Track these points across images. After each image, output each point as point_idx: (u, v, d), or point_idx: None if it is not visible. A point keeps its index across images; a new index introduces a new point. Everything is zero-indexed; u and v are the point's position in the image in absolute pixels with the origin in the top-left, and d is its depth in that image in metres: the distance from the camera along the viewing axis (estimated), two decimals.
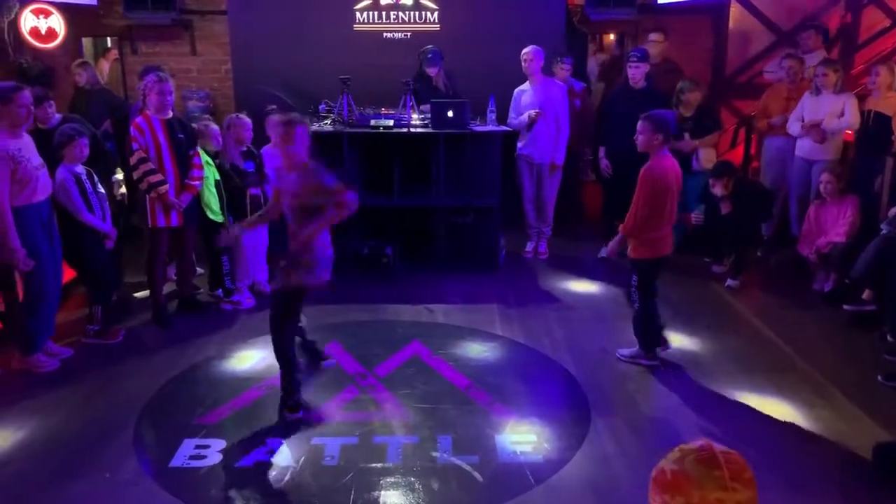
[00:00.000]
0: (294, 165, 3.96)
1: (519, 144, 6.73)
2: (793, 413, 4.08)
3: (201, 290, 5.83)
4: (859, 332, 5.20)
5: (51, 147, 4.76)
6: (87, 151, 4.85)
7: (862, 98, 6.35)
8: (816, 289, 5.94)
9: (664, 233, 4.47)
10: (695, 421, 4.00)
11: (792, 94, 6.52)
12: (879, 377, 4.44)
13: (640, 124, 4.37)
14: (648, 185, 4.34)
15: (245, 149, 5.64)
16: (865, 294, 5.50)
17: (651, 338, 4.66)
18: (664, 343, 4.74)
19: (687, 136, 6.46)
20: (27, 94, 4.35)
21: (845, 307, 5.52)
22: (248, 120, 5.66)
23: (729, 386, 4.38)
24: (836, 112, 6.07)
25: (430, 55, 6.75)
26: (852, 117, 6.04)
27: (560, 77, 6.97)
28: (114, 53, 8.63)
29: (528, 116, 6.49)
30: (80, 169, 4.85)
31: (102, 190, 5.04)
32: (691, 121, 6.48)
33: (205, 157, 5.47)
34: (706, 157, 6.51)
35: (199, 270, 6.04)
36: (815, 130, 6.13)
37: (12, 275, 4.50)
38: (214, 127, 5.71)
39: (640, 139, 4.38)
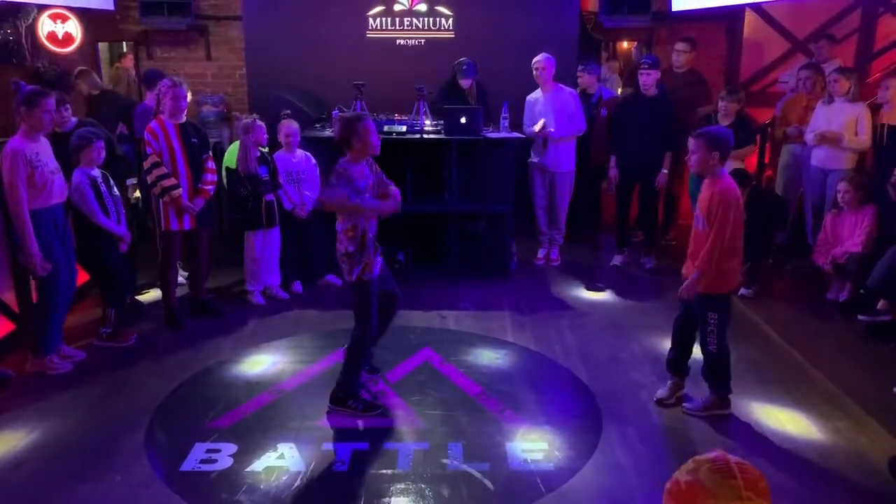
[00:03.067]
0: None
1: (533, 152, 6.72)
2: (807, 424, 4.04)
3: (214, 295, 5.84)
4: (875, 342, 5.14)
5: (67, 150, 4.80)
6: (103, 155, 4.90)
7: (875, 109, 6.30)
8: (831, 299, 5.89)
9: (739, 261, 4.09)
10: (708, 431, 3.97)
11: (811, 103, 6.46)
12: (895, 388, 4.39)
13: (692, 143, 3.93)
14: (730, 210, 3.85)
15: (259, 153, 5.66)
16: (880, 304, 5.46)
17: (727, 381, 4.12)
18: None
19: None
20: (52, 101, 4.41)
21: (860, 317, 5.48)
22: (262, 123, 5.70)
23: (743, 396, 4.34)
24: (851, 123, 6.01)
25: (464, 66, 6.74)
26: (865, 136, 5.97)
27: (585, 83, 6.96)
28: (130, 59, 8.70)
29: (537, 130, 6.47)
30: (96, 172, 4.88)
31: (118, 193, 5.07)
32: None
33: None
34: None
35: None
36: (829, 139, 6.07)
37: (27, 277, 4.54)
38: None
39: (692, 159, 3.96)
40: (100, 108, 6.72)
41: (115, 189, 5.06)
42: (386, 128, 6.18)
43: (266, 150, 5.81)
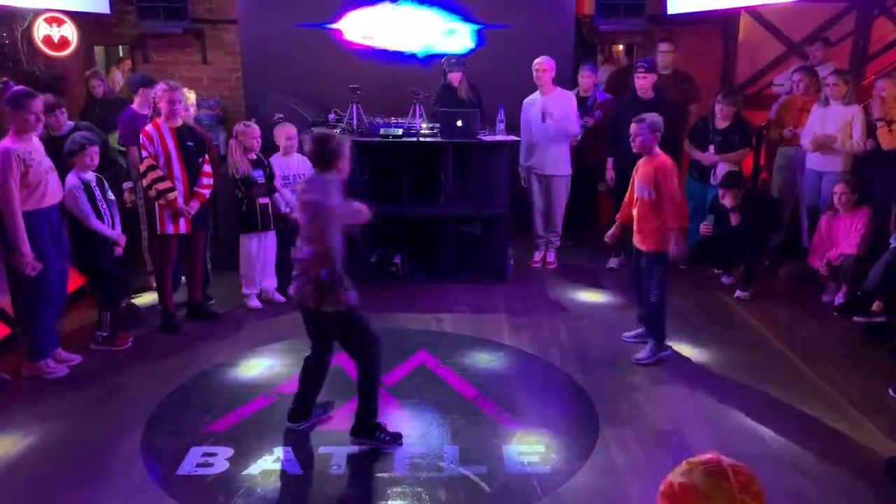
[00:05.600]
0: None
1: (528, 157, 6.72)
2: (803, 425, 4.05)
3: (213, 300, 5.84)
4: (870, 343, 5.16)
5: (62, 154, 4.79)
6: (97, 160, 4.88)
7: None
8: (826, 300, 5.90)
9: (681, 227, 4.76)
10: (704, 433, 3.98)
11: (806, 105, 6.46)
12: (891, 390, 4.40)
13: (635, 127, 4.64)
14: (669, 175, 4.59)
15: (254, 157, 5.66)
16: (875, 305, 5.47)
17: (664, 326, 4.85)
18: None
19: (712, 148, 6.42)
20: (39, 102, 4.38)
21: (856, 319, 5.49)
22: (256, 128, 5.68)
23: (739, 398, 4.35)
24: (846, 125, 6.02)
25: (453, 60, 6.74)
26: (859, 138, 5.99)
27: (584, 86, 6.97)
28: (128, 63, 8.69)
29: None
30: (90, 176, 4.87)
31: (112, 196, 5.07)
32: (721, 134, 6.40)
33: None
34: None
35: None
36: (824, 144, 6.08)
37: (22, 279, 4.52)
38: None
39: (637, 141, 4.65)
40: (106, 112, 6.71)
41: (110, 192, 5.05)
42: (382, 131, 6.18)
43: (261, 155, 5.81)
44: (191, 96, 6.08)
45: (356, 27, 7.57)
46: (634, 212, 4.86)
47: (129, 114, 5.81)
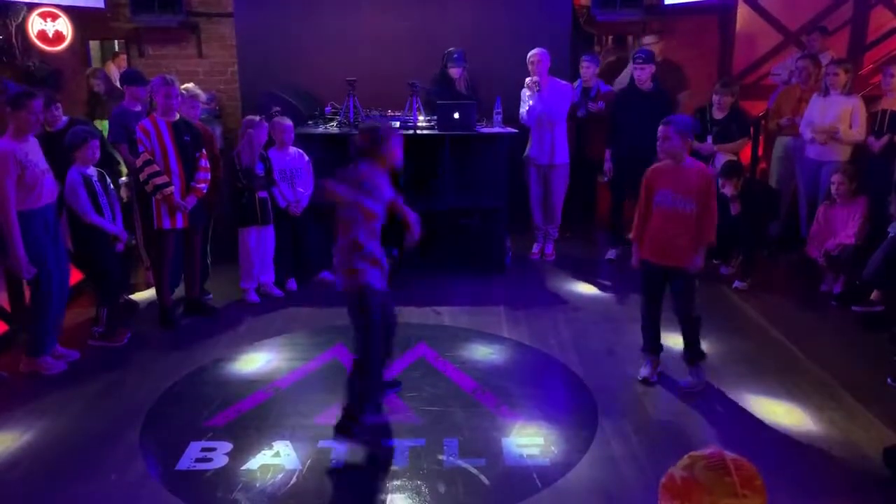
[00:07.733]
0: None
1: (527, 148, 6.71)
2: (802, 416, 4.05)
3: (211, 295, 5.82)
4: (868, 333, 5.16)
5: (58, 150, 4.77)
6: (98, 153, 4.87)
7: (871, 100, 6.30)
8: (825, 290, 5.90)
9: None
10: (703, 424, 3.98)
11: (805, 94, 6.46)
12: (889, 380, 4.40)
13: (662, 130, 4.14)
14: (714, 187, 4.24)
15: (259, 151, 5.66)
16: (873, 295, 5.47)
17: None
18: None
19: (710, 139, 6.41)
20: (40, 102, 4.37)
21: (854, 309, 5.49)
22: (266, 124, 5.67)
23: (737, 388, 4.35)
24: (845, 116, 6.02)
25: (455, 55, 6.71)
26: (859, 128, 5.98)
27: (586, 76, 6.95)
28: (123, 58, 8.65)
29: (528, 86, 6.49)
30: (92, 170, 4.86)
31: (114, 191, 5.05)
32: (719, 124, 6.40)
33: None
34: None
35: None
36: (824, 136, 6.07)
37: (22, 278, 4.52)
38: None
39: (666, 145, 4.15)
40: (111, 107, 6.68)
41: (112, 187, 5.03)
42: None
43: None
44: (201, 94, 6.01)
45: None
46: (654, 224, 4.29)
47: (118, 111, 5.77)
